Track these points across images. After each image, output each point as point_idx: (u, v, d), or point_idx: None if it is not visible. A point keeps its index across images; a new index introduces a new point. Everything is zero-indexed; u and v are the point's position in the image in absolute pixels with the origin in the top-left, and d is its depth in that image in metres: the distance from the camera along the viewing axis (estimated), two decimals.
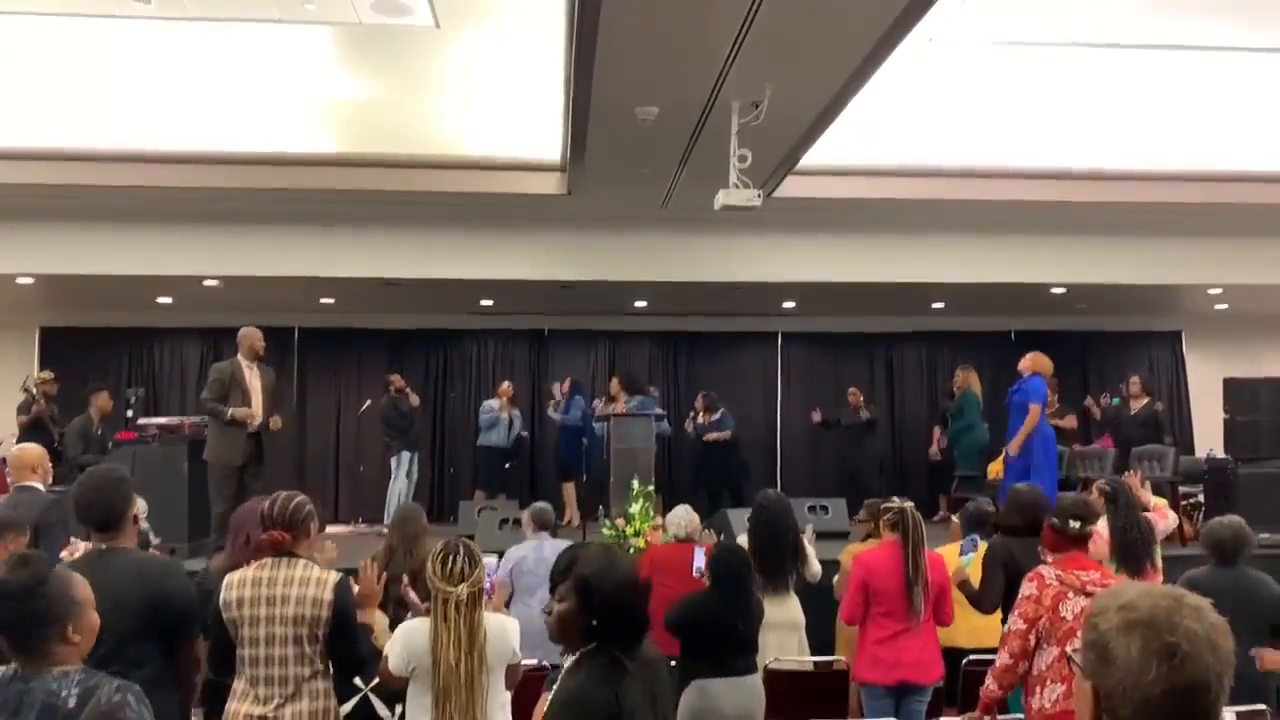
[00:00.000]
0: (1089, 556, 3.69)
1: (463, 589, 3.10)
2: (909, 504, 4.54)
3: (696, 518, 5.70)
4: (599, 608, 2.23)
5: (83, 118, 7.32)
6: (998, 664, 3.61)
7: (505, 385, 10.88)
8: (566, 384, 10.68)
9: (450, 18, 5.73)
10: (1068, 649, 3.24)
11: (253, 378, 7.61)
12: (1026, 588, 3.55)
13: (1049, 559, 3.68)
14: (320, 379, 12.05)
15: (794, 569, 5.15)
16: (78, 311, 11.36)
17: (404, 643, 3.22)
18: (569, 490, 10.33)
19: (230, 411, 7.33)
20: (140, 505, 3.38)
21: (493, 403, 10.68)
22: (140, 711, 2.23)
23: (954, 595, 4.92)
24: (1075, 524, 3.64)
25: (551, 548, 5.72)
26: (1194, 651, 1.31)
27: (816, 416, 11.44)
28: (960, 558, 4.99)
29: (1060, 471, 8.61)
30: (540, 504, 6.20)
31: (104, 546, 3.21)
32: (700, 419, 10.68)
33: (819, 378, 12.48)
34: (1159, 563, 5.02)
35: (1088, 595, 3.32)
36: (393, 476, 10.10)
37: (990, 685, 3.62)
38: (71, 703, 2.16)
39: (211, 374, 7.69)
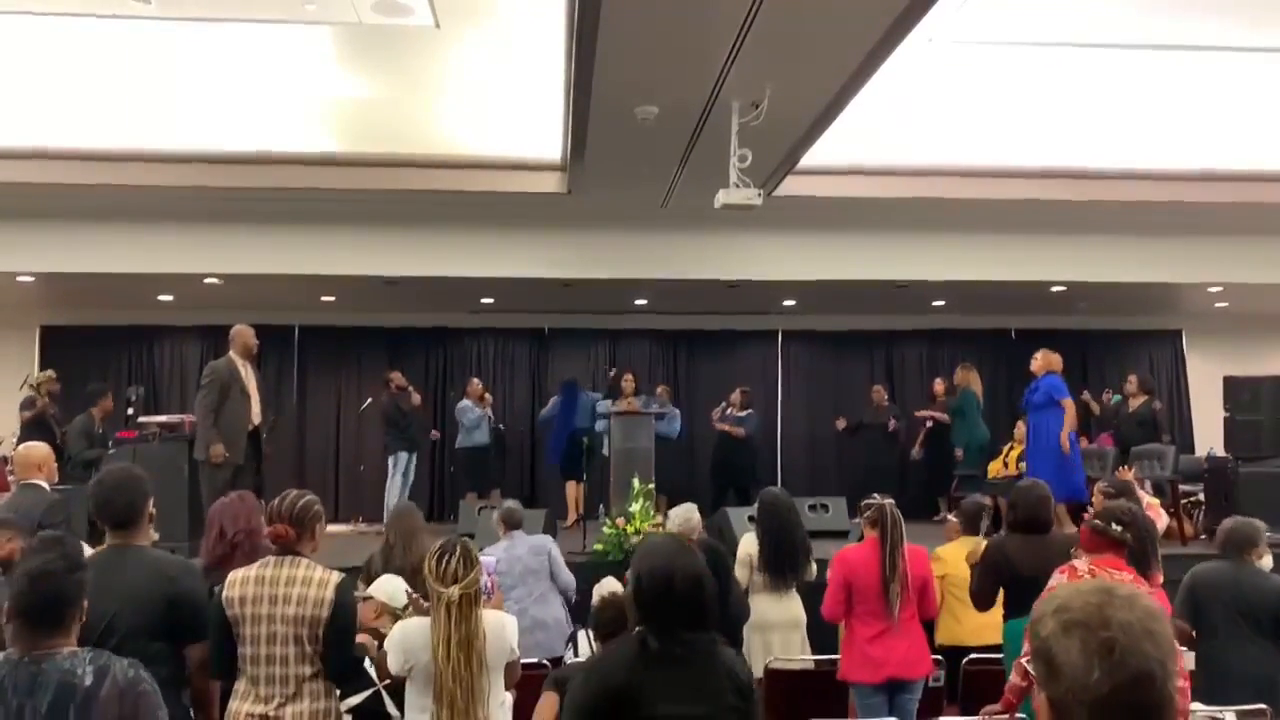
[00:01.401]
0: (1124, 562, 3.64)
1: (454, 590, 3.08)
2: (889, 501, 4.52)
3: (698, 517, 5.66)
4: (637, 592, 2.36)
5: (83, 117, 7.32)
6: (1021, 653, 3.58)
7: (476, 383, 10.86)
8: (629, 377, 10.48)
9: (450, 18, 5.74)
10: (1021, 659, 3.23)
11: (248, 377, 7.50)
12: (1056, 578, 3.52)
13: (1083, 558, 3.64)
14: (320, 377, 12.06)
15: (803, 567, 5.14)
16: (78, 310, 11.36)
17: (401, 642, 3.22)
18: (571, 489, 10.32)
19: (210, 449, 7.13)
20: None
21: (468, 403, 10.63)
22: (154, 685, 2.32)
23: (960, 595, 4.94)
24: (1118, 528, 3.60)
25: (524, 545, 5.69)
26: (1130, 643, 1.29)
27: (841, 423, 11.34)
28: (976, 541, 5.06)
29: None
30: (509, 503, 6.09)
31: (119, 544, 3.22)
32: (729, 410, 10.71)
33: (819, 376, 12.49)
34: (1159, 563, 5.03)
35: None
36: (389, 475, 10.07)
37: (1013, 676, 3.58)
38: (88, 680, 2.23)
39: (207, 374, 7.48)
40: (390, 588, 4.09)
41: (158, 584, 3.11)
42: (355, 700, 3.55)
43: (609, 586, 5.03)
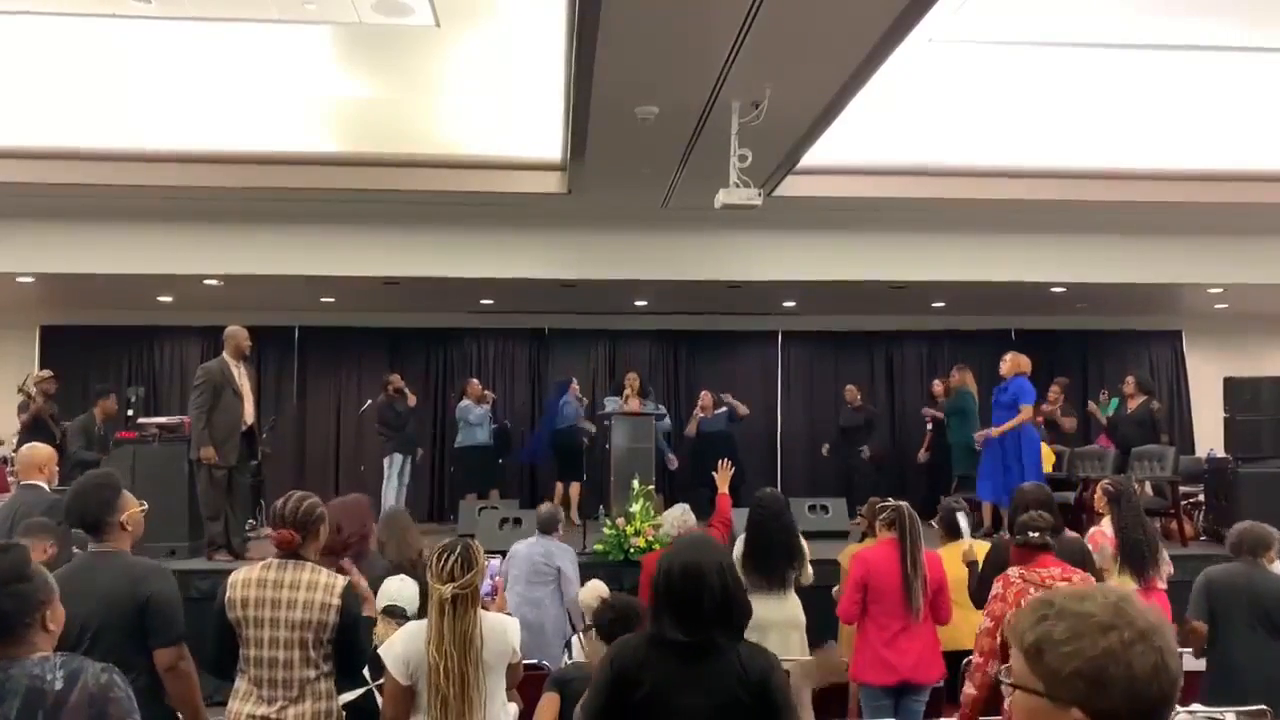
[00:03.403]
0: (1056, 558, 3.77)
1: (448, 589, 3.03)
2: (904, 504, 4.54)
3: (692, 517, 5.66)
4: (654, 585, 2.49)
5: (83, 117, 7.31)
6: (971, 665, 3.65)
7: (475, 383, 10.88)
8: (632, 376, 10.46)
9: (450, 17, 5.74)
10: (1000, 674, 3.25)
11: (241, 378, 7.45)
12: (994, 587, 3.64)
13: (1014, 567, 3.74)
14: (320, 377, 12.06)
15: (788, 568, 5.08)
16: (78, 310, 11.36)
17: (405, 644, 3.12)
18: (570, 489, 10.30)
19: (200, 451, 7.11)
20: (136, 511, 3.34)
21: (469, 402, 10.62)
22: (127, 691, 2.25)
23: (955, 597, 4.93)
24: (1035, 535, 3.74)
25: (541, 548, 5.91)
26: (1167, 645, 1.34)
27: (825, 450, 11.43)
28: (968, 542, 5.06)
29: (1061, 471, 8.61)
30: (545, 506, 6.41)
31: (96, 549, 3.22)
32: (701, 414, 10.69)
33: (819, 376, 12.50)
34: (1164, 571, 5.00)
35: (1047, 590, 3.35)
36: (384, 478, 10.02)
37: (967, 687, 3.64)
38: (59, 685, 2.16)
39: (199, 375, 7.42)
40: (393, 589, 4.05)
41: (129, 588, 3.11)
42: (349, 697, 3.53)
43: (594, 590, 5.04)
